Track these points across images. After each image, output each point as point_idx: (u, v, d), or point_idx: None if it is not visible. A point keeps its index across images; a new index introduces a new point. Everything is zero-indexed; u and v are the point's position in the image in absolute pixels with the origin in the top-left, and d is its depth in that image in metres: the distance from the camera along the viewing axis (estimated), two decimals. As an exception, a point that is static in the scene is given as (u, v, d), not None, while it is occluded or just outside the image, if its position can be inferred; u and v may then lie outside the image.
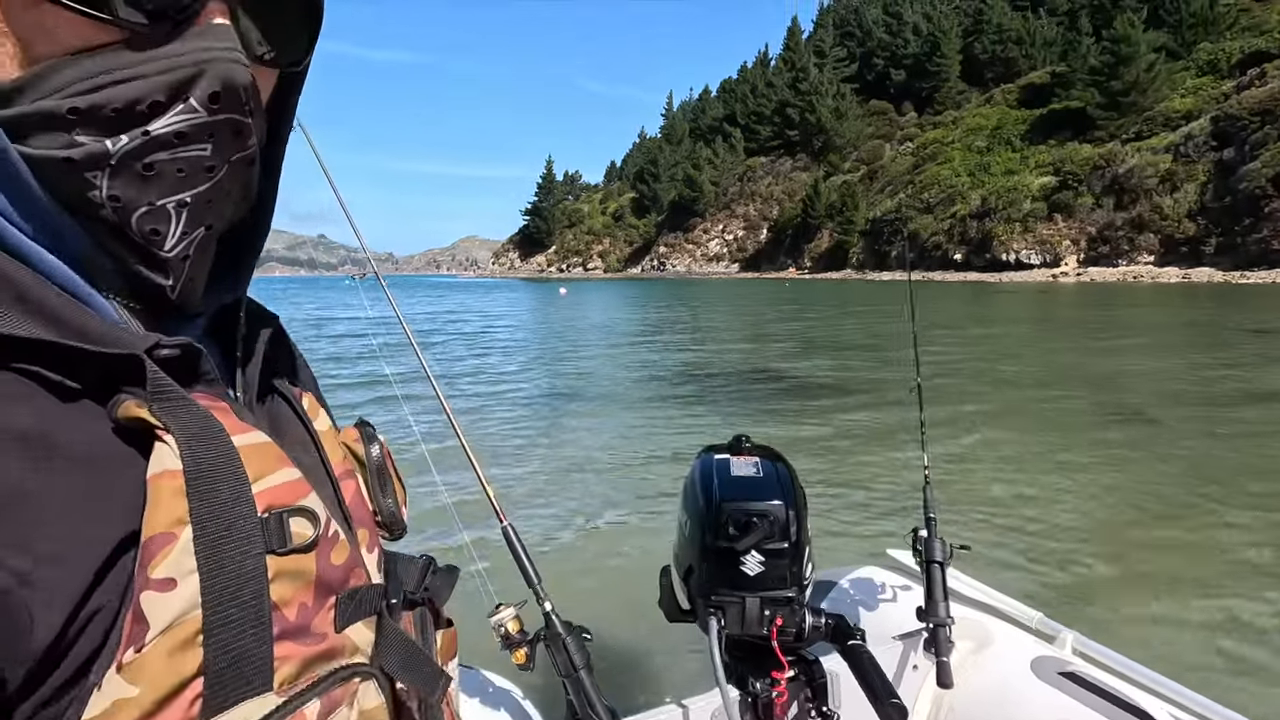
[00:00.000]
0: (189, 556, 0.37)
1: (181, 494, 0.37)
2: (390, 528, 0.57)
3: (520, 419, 8.00)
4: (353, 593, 0.46)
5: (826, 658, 1.34)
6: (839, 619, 1.27)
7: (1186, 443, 6.18)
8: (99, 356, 0.37)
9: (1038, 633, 1.57)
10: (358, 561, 0.48)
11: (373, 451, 0.57)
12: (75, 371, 0.37)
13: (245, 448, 0.41)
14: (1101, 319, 19.15)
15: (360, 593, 0.47)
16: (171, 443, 0.38)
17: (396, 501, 0.58)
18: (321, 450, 0.53)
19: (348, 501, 0.53)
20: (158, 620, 0.35)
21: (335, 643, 0.44)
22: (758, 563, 1.24)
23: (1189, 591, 3.47)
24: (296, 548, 0.42)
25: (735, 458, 1.37)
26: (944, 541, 1.50)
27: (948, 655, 1.35)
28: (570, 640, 1.10)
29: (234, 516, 0.39)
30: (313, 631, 0.43)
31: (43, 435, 0.35)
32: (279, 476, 0.43)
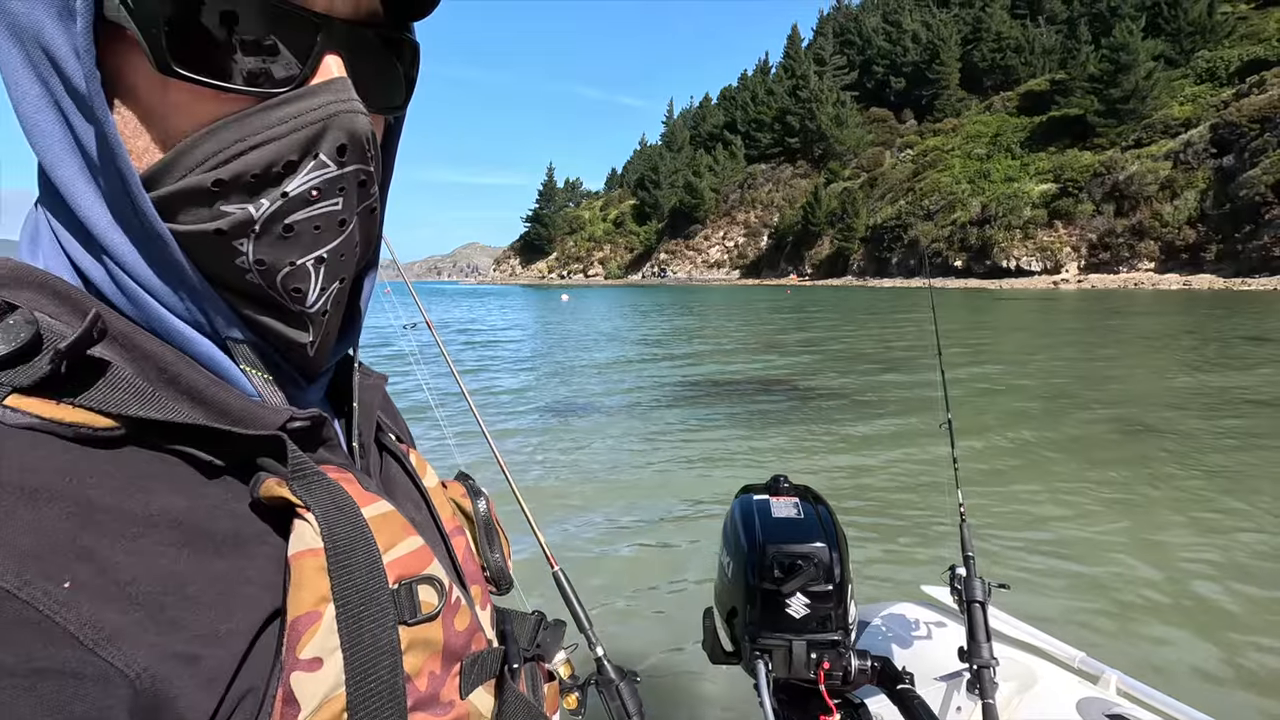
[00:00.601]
0: (333, 635, 0.37)
1: (324, 571, 0.38)
2: (498, 582, 0.58)
3: (534, 433, 7.98)
4: (475, 657, 0.47)
5: (873, 700, 1.33)
6: (885, 662, 1.26)
7: (1215, 457, 6.15)
8: (243, 438, 0.38)
9: (1080, 672, 1.56)
10: (478, 625, 0.48)
11: (480, 506, 0.58)
12: (219, 451, 0.38)
13: (374, 519, 0.42)
14: (1113, 327, 19.14)
15: (482, 656, 0.47)
16: (312, 521, 0.39)
17: (503, 555, 0.58)
18: (432, 508, 0.53)
19: (460, 558, 0.53)
20: (308, 701, 0.36)
21: (461, 710, 0.45)
22: (803, 605, 1.23)
23: (1229, 624, 3.40)
24: (425, 617, 0.42)
25: (775, 499, 1.37)
26: (984, 580, 1.49)
27: (993, 697, 1.34)
28: (623, 686, 1.10)
29: (371, 591, 0.39)
30: (441, 701, 0.43)
31: (193, 519, 0.36)
32: (405, 546, 0.43)
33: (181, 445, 0.37)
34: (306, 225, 0.39)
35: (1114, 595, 3.74)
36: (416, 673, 0.41)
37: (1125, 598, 3.71)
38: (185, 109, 0.37)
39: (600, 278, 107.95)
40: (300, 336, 0.43)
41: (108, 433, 0.35)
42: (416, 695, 0.41)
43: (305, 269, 0.40)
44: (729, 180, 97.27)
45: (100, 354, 0.36)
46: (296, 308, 0.41)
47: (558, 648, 0.60)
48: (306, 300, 0.41)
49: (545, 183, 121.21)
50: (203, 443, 0.38)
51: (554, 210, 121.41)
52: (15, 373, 0.33)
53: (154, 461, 0.36)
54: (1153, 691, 1.44)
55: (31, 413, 0.33)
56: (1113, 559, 4.15)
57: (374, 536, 0.41)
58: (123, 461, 0.35)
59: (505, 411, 9.15)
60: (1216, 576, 3.88)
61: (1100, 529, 4.62)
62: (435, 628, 0.43)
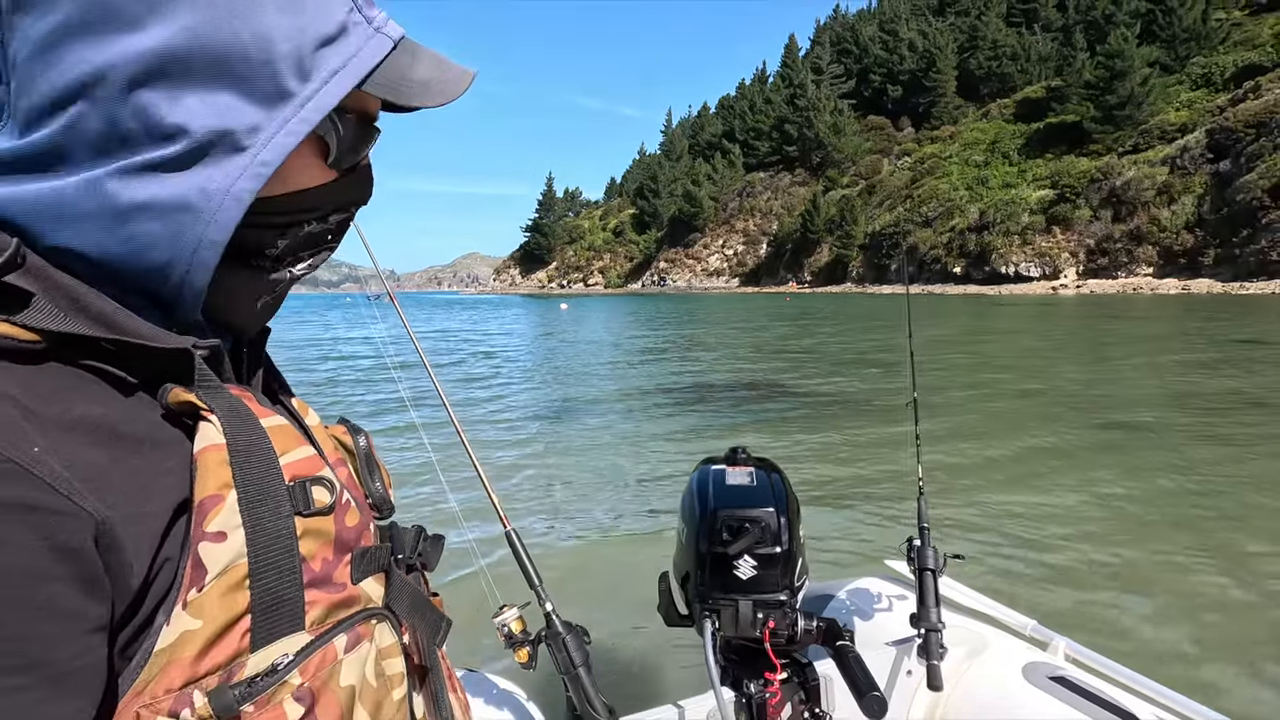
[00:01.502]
0: (235, 514, 0.45)
1: (225, 463, 0.45)
2: (380, 508, 0.63)
3: (525, 431, 8.03)
4: (364, 550, 0.55)
5: (820, 662, 1.37)
6: (830, 622, 1.30)
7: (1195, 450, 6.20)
8: (153, 351, 0.45)
9: (1031, 639, 1.60)
10: (366, 525, 0.56)
11: (360, 441, 0.64)
12: (130, 367, 0.45)
13: (270, 428, 0.50)
14: (1107, 331, 19.19)
15: (371, 551, 0.56)
16: (215, 421, 0.46)
17: (384, 484, 0.65)
18: (315, 441, 0.58)
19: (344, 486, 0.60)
20: (213, 566, 0.44)
21: (353, 592, 0.53)
22: (750, 567, 1.27)
23: (1187, 598, 3.48)
24: (318, 510, 0.50)
25: (731, 468, 1.42)
26: (936, 550, 1.54)
27: (939, 659, 1.38)
28: (569, 639, 1.14)
29: (267, 482, 0.47)
30: (334, 582, 0.51)
31: (109, 424, 0.43)
32: (299, 452, 0.51)
33: (95, 362, 0.44)
34: (320, 258, 0.57)
35: (1070, 569, 3.91)
36: (311, 556, 0.49)
37: (1081, 570, 3.87)
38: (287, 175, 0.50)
39: (600, 287, 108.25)
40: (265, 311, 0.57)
41: (30, 346, 0.41)
42: (311, 574, 0.49)
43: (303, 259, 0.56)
44: (728, 189, 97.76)
45: (14, 281, 0.41)
46: (289, 270, 0.55)
47: (437, 557, 0.67)
48: (298, 269, 0.56)
49: (545, 192, 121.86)
50: (114, 360, 0.45)
51: (553, 220, 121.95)
52: None
53: (71, 376, 0.43)
54: (1097, 656, 1.47)
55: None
56: (1077, 540, 4.29)
57: (271, 441, 0.49)
58: (44, 374, 0.42)
59: (500, 409, 9.21)
60: (1174, 556, 4.02)
61: (1059, 508, 4.76)
62: (328, 521, 0.51)
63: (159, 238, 0.45)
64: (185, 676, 0.43)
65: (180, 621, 0.43)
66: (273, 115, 0.46)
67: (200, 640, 0.43)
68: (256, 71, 0.45)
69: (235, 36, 0.45)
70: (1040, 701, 1.38)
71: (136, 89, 0.43)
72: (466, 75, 0.54)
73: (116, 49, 0.43)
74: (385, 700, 0.54)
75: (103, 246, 0.45)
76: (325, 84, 0.47)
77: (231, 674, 0.44)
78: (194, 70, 0.44)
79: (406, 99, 0.52)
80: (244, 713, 0.44)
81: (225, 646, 0.44)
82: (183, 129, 0.44)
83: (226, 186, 0.46)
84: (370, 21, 0.50)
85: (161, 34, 0.43)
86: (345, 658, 0.50)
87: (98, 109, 0.43)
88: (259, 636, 0.45)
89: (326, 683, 0.48)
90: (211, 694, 0.43)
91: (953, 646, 1.53)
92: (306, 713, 0.47)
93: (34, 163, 0.44)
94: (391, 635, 0.56)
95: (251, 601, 0.45)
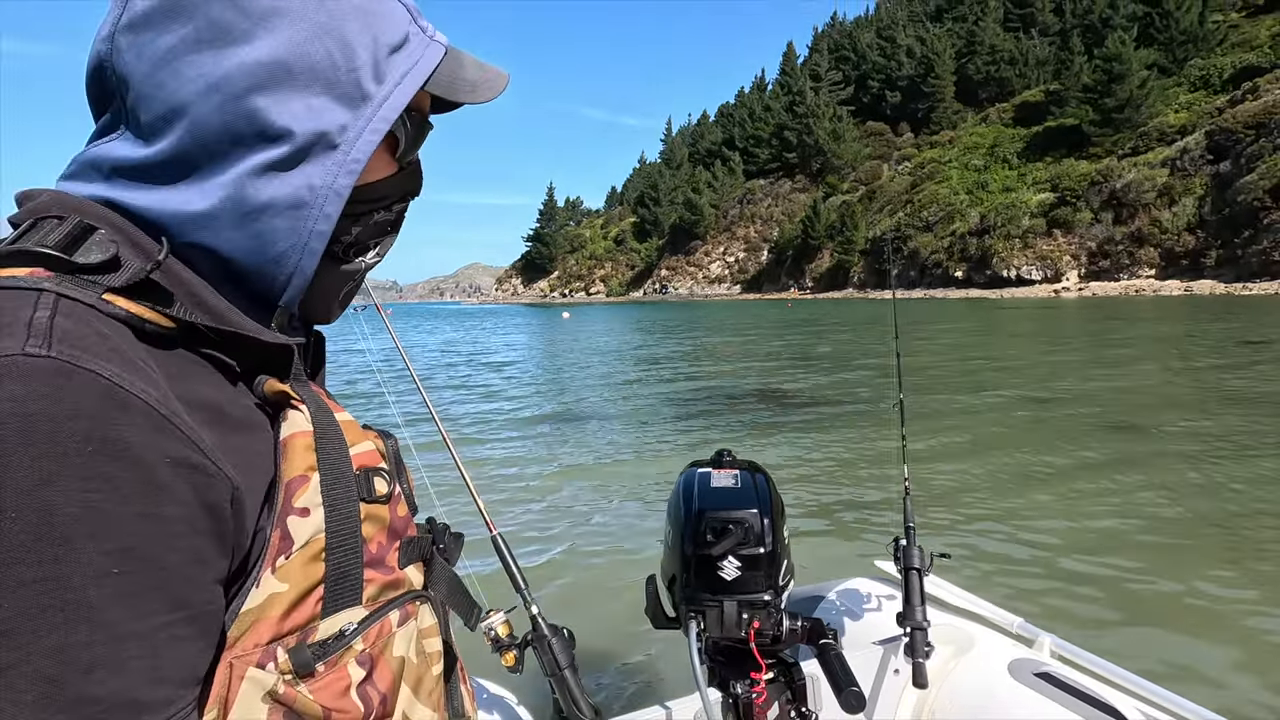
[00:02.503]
0: (317, 494, 0.51)
1: (311, 449, 0.52)
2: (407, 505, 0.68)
3: (520, 438, 8.04)
4: (410, 539, 0.61)
5: (807, 662, 1.39)
6: (815, 621, 1.32)
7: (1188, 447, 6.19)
8: (258, 344, 0.51)
9: (1017, 637, 1.61)
10: (412, 517, 0.63)
11: (389, 444, 0.68)
12: (235, 357, 0.51)
13: (342, 421, 0.56)
14: (1103, 332, 19.17)
15: (415, 540, 0.62)
16: (305, 410, 0.53)
17: (409, 485, 0.70)
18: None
19: None
20: (299, 537, 0.49)
21: (400, 575, 0.59)
22: (735, 568, 1.28)
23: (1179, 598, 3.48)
24: (378, 498, 0.56)
25: (717, 471, 1.44)
26: (922, 550, 1.55)
27: (924, 657, 1.39)
28: (555, 641, 1.16)
29: (342, 469, 0.53)
30: (386, 564, 0.57)
31: (218, 405, 0.48)
32: (364, 445, 0.57)
33: (210, 350, 0.49)
34: (387, 244, 0.64)
35: (1060, 567, 3.94)
36: (370, 539, 0.55)
37: (1070, 569, 3.90)
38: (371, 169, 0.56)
39: (602, 295, 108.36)
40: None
41: (167, 331, 0.47)
42: (369, 555, 0.55)
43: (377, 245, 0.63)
44: (728, 196, 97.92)
45: (157, 279, 0.48)
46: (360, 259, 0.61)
47: (459, 552, 0.74)
48: (369, 257, 0.62)
49: (546, 202, 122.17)
50: (225, 350, 0.50)
51: (555, 229, 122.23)
52: (109, 277, 0.45)
53: (191, 360, 0.48)
54: (1083, 652, 1.49)
55: (122, 308, 0.44)
56: (1066, 539, 4.29)
57: (343, 432, 0.55)
58: (173, 357, 0.47)
59: (497, 417, 9.23)
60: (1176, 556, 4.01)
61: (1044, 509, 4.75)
62: (384, 509, 0.57)
63: (281, 232, 0.51)
64: (271, 633, 0.48)
65: (269, 584, 0.48)
66: (358, 115, 0.52)
67: (285, 602, 0.48)
68: (344, 77, 0.51)
69: (327, 47, 0.50)
70: (1025, 698, 1.39)
71: (249, 96, 0.48)
72: (504, 75, 0.61)
73: (231, 61, 0.48)
74: (425, 675, 0.59)
75: (234, 243, 0.51)
76: (398, 85, 0.53)
77: (307, 635, 0.49)
78: (295, 77, 0.49)
79: (461, 96, 0.59)
80: (317, 670, 0.49)
81: (303, 610, 0.49)
82: (289, 130, 0.49)
83: (329, 183, 0.51)
84: (425, 31, 0.56)
85: (268, 47, 0.48)
86: (397, 632, 0.56)
87: (216, 116, 0.48)
88: (329, 605, 0.51)
89: (383, 651, 0.54)
90: (292, 651, 0.48)
91: (940, 645, 1.55)
92: (367, 676, 0.52)
93: (166, 170, 0.49)
94: (432, 617, 0.62)
95: (326, 572, 0.50)
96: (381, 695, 0.53)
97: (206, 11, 0.48)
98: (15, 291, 0.41)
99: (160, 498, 0.40)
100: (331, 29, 0.50)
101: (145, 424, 0.40)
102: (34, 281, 0.42)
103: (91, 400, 0.39)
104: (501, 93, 0.61)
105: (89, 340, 0.41)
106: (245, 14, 0.48)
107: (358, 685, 0.51)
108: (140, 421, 0.40)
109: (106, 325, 0.43)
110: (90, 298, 0.43)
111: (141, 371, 0.42)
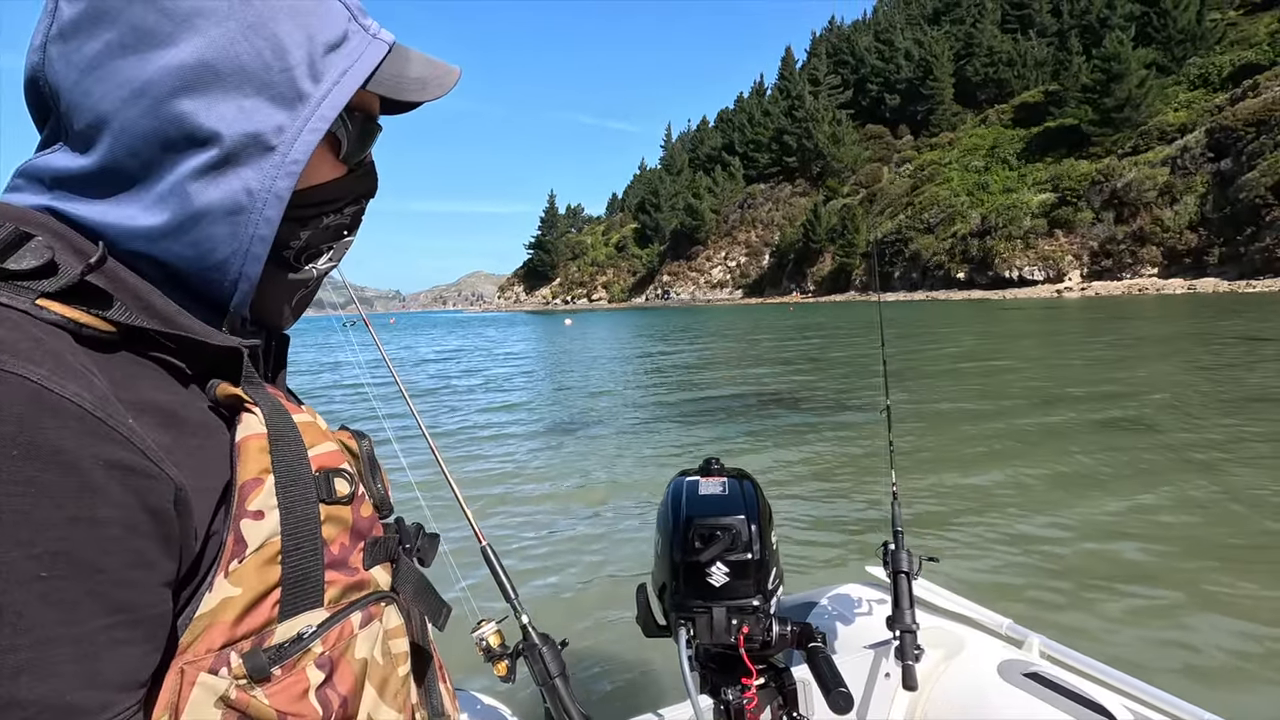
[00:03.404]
0: (272, 496, 0.50)
1: (265, 451, 0.51)
2: (380, 508, 0.67)
3: (515, 448, 8.06)
4: (376, 540, 0.60)
5: (798, 667, 1.40)
6: (804, 626, 1.33)
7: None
8: (207, 347, 0.51)
9: (1007, 638, 1.62)
10: (377, 517, 0.63)
11: (363, 444, 0.68)
12: (186, 360, 0.51)
13: (300, 423, 0.55)
14: (1106, 331, 19.11)
15: (381, 541, 0.61)
16: (258, 414, 0.52)
17: (384, 486, 0.69)
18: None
19: None
20: (253, 540, 0.49)
21: (365, 576, 0.58)
22: (723, 574, 1.29)
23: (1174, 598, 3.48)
24: (339, 499, 0.55)
25: (704, 479, 1.46)
26: (910, 553, 1.57)
27: (914, 660, 1.41)
28: (546, 650, 1.17)
29: (299, 470, 0.53)
30: (349, 565, 0.56)
31: (171, 408, 0.48)
32: (324, 446, 0.56)
33: (156, 354, 0.49)
34: (341, 248, 0.62)
35: (1049, 568, 3.94)
36: (331, 540, 0.54)
37: (1060, 570, 3.91)
38: (309, 172, 0.55)
39: (604, 301, 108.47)
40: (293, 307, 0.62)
41: (107, 335, 0.46)
42: (331, 557, 0.54)
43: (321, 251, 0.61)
44: (729, 201, 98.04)
45: (95, 281, 0.47)
46: (313, 264, 0.60)
47: (434, 553, 0.73)
48: (321, 263, 0.61)
49: (547, 209, 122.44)
50: (172, 354, 0.50)
51: (556, 236, 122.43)
52: (43, 283, 0.45)
53: (138, 364, 0.48)
54: (1072, 652, 1.50)
55: (56, 313, 0.44)
56: (1056, 540, 4.31)
57: (301, 434, 0.55)
58: (117, 361, 0.47)
59: (496, 427, 9.25)
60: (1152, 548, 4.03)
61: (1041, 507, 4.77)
62: (346, 510, 0.56)
63: (220, 239, 0.51)
64: (224, 638, 0.47)
65: (222, 589, 0.47)
66: (295, 116, 0.51)
67: (238, 606, 0.48)
68: (277, 77, 0.50)
69: (256, 46, 0.50)
70: (1015, 698, 1.41)
71: (174, 99, 0.48)
72: (454, 72, 0.60)
73: (155, 65, 0.47)
74: (391, 676, 0.58)
75: (172, 252, 0.51)
76: (336, 84, 0.53)
77: (263, 639, 0.49)
78: (223, 79, 0.49)
79: (407, 95, 0.57)
80: (273, 674, 0.48)
81: (258, 614, 0.49)
82: (217, 133, 0.49)
83: (267, 186, 0.51)
84: (367, 29, 0.55)
85: (191, 49, 0.48)
86: (359, 633, 0.55)
87: (144, 121, 0.48)
88: (286, 608, 0.50)
89: (343, 654, 0.53)
90: (246, 655, 0.48)
91: (930, 648, 1.56)
92: (326, 679, 0.51)
93: (103, 179, 0.50)
94: (398, 617, 0.61)
95: (282, 575, 0.50)
96: (343, 698, 0.53)
97: (129, 16, 0.47)
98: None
99: (93, 500, 0.40)
100: (260, 28, 0.50)
101: (77, 427, 0.40)
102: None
103: (18, 404, 0.39)
104: (451, 89, 0.60)
105: (20, 345, 0.41)
106: (168, 16, 0.48)
107: (317, 688, 0.51)
108: (72, 425, 0.40)
109: (41, 330, 0.43)
110: (23, 303, 0.43)
111: (77, 375, 0.42)
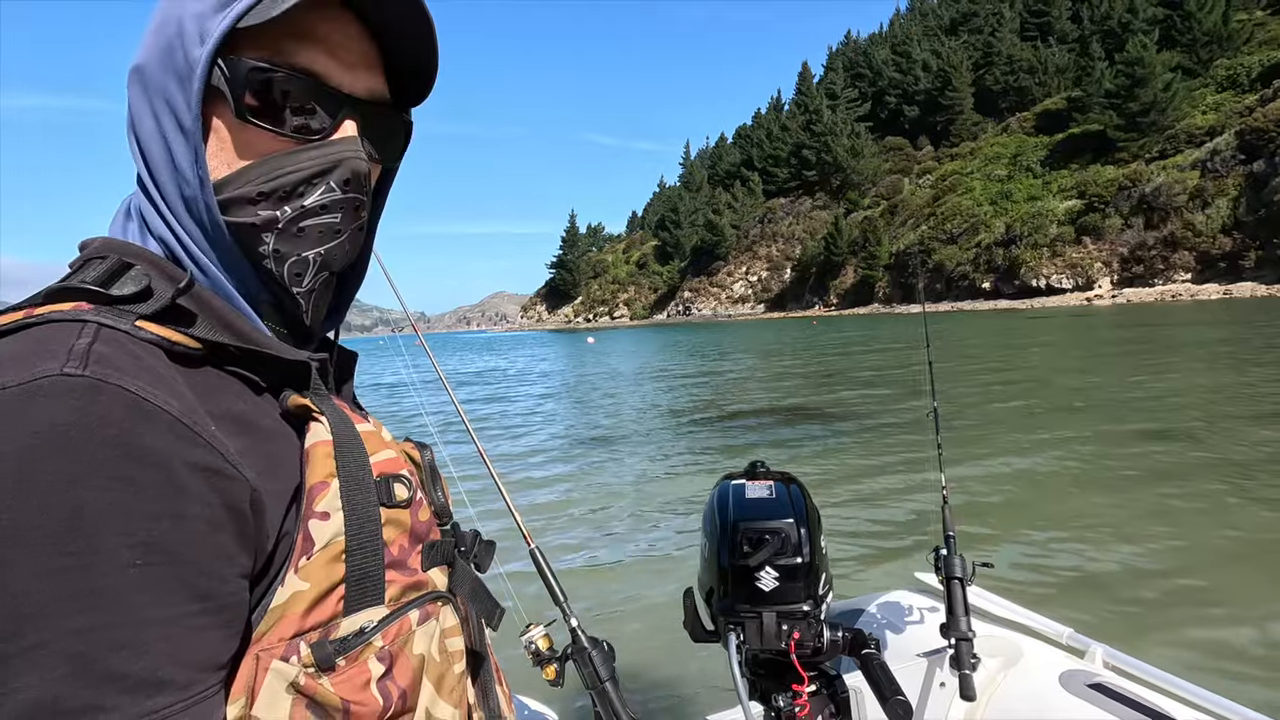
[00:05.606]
0: (337, 499, 0.54)
1: (331, 457, 0.55)
2: (441, 516, 0.69)
3: (557, 458, 8.06)
4: (433, 543, 0.64)
5: (850, 675, 1.36)
6: (856, 632, 1.29)
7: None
8: (281, 361, 0.56)
9: (1068, 648, 1.56)
10: (435, 521, 0.66)
11: (425, 455, 0.71)
12: (260, 373, 0.56)
13: (363, 433, 0.59)
14: (1133, 340, 18.64)
15: (439, 544, 0.65)
16: (325, 422, 0.56)
17: (444, 495, 0.72)
18: None
19: None
20: (320, 539, 0.52)
21: (423, 577, 0.61)
22: (773, 579, 1.27)
23: (1232, 608, 3.34)
24: (398, 503, 0.58)
25: (750, 482, 1.43)
26: (964, 558, 1.52)
27: (970, 668, 1.36)
28: (595, 654, 1.15)
29: (361, 475, 0.56)
30: (408, 566, 0.60)
31: (248, 418, 0.53)
32: (385, 454, 0.60)
33: (235, 368, 0.55)
34: (313, 229, 0.57)
35: (1110, 577, 3.82)
36: (391, 542, 0.58)
37: (1122, 579, 3.79)
38: (250, 144, 0.55)
39: (626, 319, 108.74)
40: (295, 310, 0.61)
41: (195, 352, 0.52)
42: (391, 557, 0.57)
43: (306, 259, 0.58)
44: (749, 216, 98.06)
45: (183, 303, 0.53)
46: (295, 288, 0.59)
47: (490, 560, 0.75)
48: (303, 283, 0.59)
49: (568, 229, 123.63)
50: (250, 368, 0.55)
51: (577, 255, 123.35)
52: (141, 306, 0.50)
53: (220, 377, 0.53)
54: (1138, 662, 1.44)
55: (152, 332, 0.50)
56: (1118, 549, 4.17)
57: (363, 442, 0.58)
58: (202, 374, 0.52)
59: (534, 440, 9.27)
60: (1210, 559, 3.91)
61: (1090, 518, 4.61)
62: (405, 514, 0.59)
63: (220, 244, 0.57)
64: (295, 629, 0.51)
65: (293, 583, 0.51)
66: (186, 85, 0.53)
67: (307, 600, 0.51)
68: (180, 58, 0.53)
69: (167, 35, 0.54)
70: (1078, 709, 1.35)
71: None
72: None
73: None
74: (447, 673, 0.61)
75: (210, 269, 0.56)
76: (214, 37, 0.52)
77: (329, 632, 0.52)
78: (150, 75, 0.55)
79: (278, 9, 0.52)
80: (338, 665, 0.52)
81: (325, 608, 0.52)
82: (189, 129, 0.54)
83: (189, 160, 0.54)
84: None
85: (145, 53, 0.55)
86: (417, 630, 0.58)
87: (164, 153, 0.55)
88: (350, 604, 0.54)
89: (402, 649, 0.56)
90: (314, 646, 0.51)
91: (987, 656, 1.51)
92: (386, 671, 0.54)
93: (164, 210, 0.56)
94: (454, 617, 0.64)
95: (346, 572, 0.53)
96: (402, 690, 0.55)
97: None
98: (61, 324, 0.47)
99: (181, 498, 0.44)
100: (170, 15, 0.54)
101: (168, 432, 0.44)
102: (75, 314, 0.48)
103: (119, 411, 0.43)
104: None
105: (122, 361, 0.45)
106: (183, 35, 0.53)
107: (378, 680, 0.54)
108: (163, 430, 0.44)
109: (140, 348, 0.48)
110: (125, 324, 0.48)
111: (169, 387, 0.46)
